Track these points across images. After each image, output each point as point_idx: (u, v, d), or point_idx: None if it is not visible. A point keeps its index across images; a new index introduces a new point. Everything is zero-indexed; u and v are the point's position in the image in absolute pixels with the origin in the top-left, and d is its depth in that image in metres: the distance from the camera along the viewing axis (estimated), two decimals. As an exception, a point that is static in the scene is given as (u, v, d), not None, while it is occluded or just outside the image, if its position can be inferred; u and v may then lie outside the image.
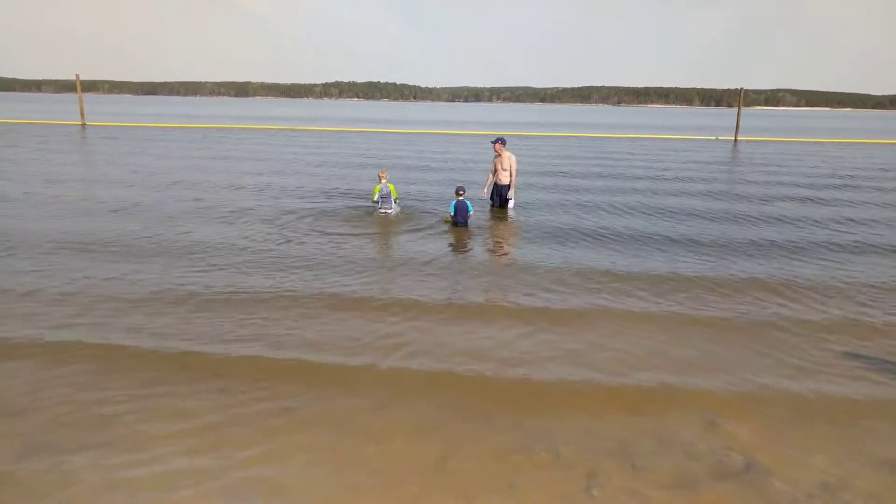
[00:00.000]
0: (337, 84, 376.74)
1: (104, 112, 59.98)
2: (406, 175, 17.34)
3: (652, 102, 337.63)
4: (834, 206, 13.87)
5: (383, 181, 11.67)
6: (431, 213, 12.00)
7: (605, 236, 10.32)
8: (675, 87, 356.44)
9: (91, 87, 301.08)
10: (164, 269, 8.05)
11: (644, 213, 12.53)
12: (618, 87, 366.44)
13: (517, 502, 3.64)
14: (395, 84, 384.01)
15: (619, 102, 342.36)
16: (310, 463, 3.96)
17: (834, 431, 4.43)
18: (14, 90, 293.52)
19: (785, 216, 12.41)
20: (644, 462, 4.02)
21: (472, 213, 10.94)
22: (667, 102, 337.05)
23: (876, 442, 4.30)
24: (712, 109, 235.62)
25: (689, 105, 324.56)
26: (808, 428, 4.47)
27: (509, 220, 11.66)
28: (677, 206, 13.43)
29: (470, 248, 9.57)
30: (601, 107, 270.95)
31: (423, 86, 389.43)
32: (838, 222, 11.79)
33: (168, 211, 11.79)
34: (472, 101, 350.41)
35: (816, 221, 11.87)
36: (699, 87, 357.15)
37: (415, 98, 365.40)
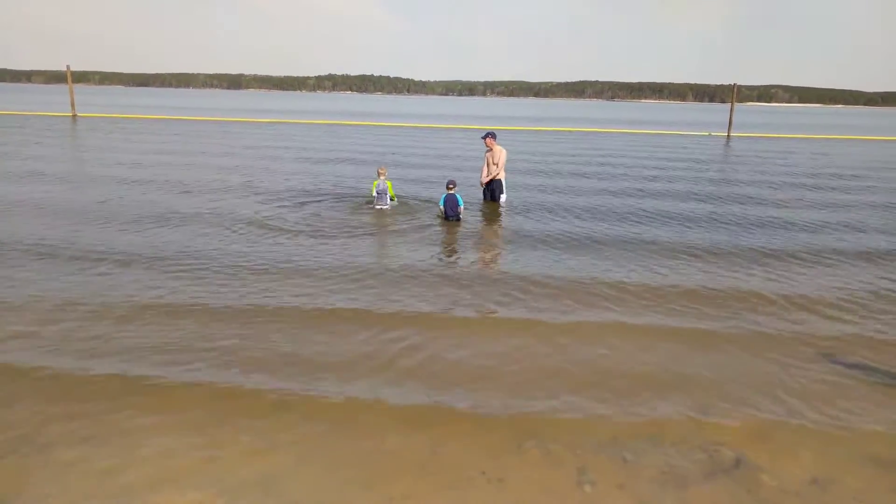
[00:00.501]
0: (330, 77, 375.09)
1: (95, 103, 59.50)
2: (398, 169, 17.29)
3: (646, 97, 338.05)
4: (826, 208, 13.81)
5: (381, 178, 11.69)
6: (423, 207, 11.97)
7: (596, 239, 10.05)
8: (669, 83, 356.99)
9: (82, 78, 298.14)
10: (137, 272, 7.98)
11: (636, 214, 12.34)
12: (612, 82, 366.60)
13: (508, 498, 3.64)
14: (388, 77, 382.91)
15: (613, 97, 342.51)
16: (301, 460, 3.95)
17: (821, 428, 4.45)
18: (3, 80, 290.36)
19: (776, 218, 12.40)
20: (635, 458, 4.03)
21: (462, 206, 10.92)
22: (661, 98, 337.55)
23: (862, 439, 4.33)
24: (705, 105, 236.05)
25: (683, 100, 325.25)
26: (796, 425, 4.50)
27: (501, 218, 11.51)
28: (670, 207, 13.18)
29: (459, 251, 9.36)
30: (595, 101, 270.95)
31: (416, 79, 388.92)
32: (833, 227, 11.56)
33: (147, 207, 11.54)
34: (465, 95, 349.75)
35: (807, 224, 11.84)
36: (693, 82, 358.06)
37: (408, 91, 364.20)
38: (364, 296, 6.95)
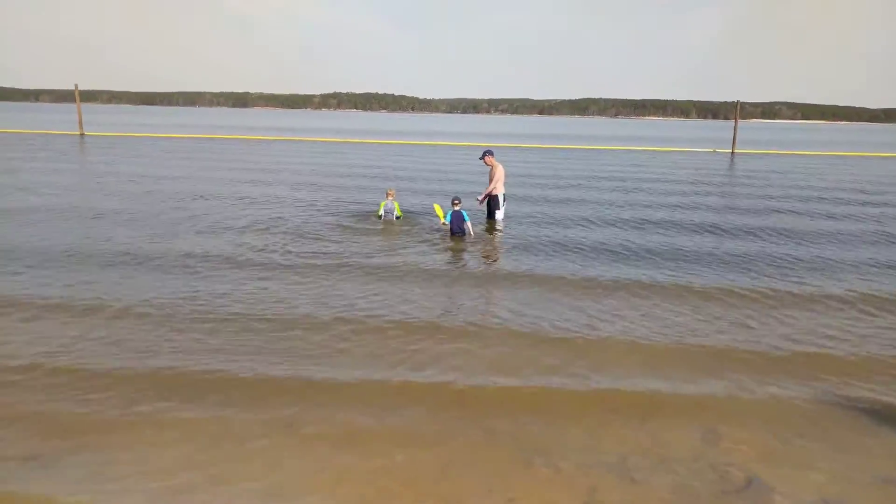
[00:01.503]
0: (335, 95, 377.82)
1: (102, 122, 59.99)
2: (405, 193, 17.32)
3: (649, 115, 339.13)
4: (828, 239, 13.70)
5: (389, 198, 11.94)
6: (428, 223, 11.94)
7: (599, 278, 9.03)
8: (673, 100, 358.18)
9: (89, 97, 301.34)
10: (153, 278, 8.02)
11: (646, 247, 11.54)
12: (615, 100, 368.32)
13: (517, 518, 3.60)
14: (393, 95, 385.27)
15: (616, 115, 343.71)
16: (309, 477, 3.93)
17: (832, 448, 4.41)
18: (12, 100, 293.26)
19: (789, 245, 12.27)
20: (644, 477, 3.99)
21: (468, 222, 10.97)
22: (664, 115, 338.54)
23: (873, 458, 4.28)
24: (709, 122, 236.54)
25: (687, 117, 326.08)
26: (807, 443, 4.45)
27: (501, 245, 10.85)
28: (684, 241, 12.27)
29: (466, 265, 9.49)
30: (599, 119, 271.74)
31: (421, 97, 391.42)
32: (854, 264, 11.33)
33: (147, 224, 11.66)
34: (470, 113, 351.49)
35: (805, 257, 11.65)
36: (696, 99, 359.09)
37: (413, 109, 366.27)
38: (373, 308, 6.95)
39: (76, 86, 38.91)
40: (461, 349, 6.02)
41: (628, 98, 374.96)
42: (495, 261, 9.69)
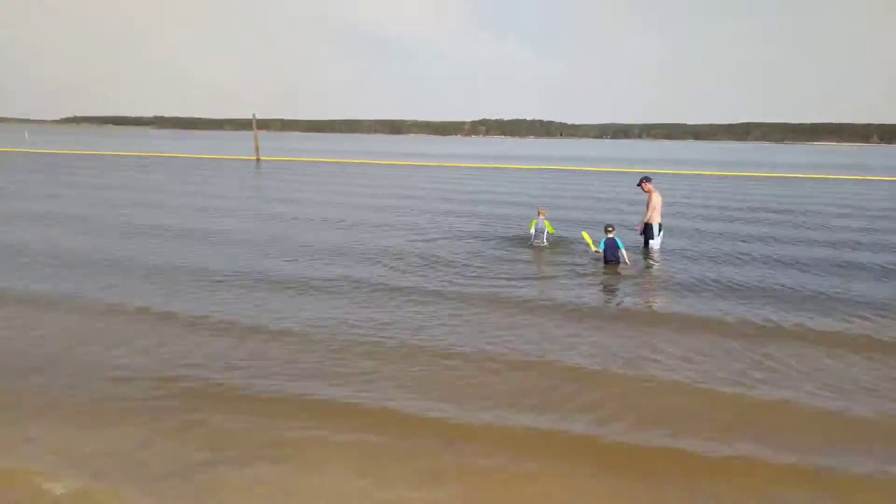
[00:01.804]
0: (484, 122, 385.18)
1: (275, 148, 65.89)
2: (553, 215, 17.23)
3: (821, 140, 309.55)
4: None
5: (540, 217, 12.32)
6: (578, 249, 11.78)
7: (767, 297, 9.34)
8: (850, 123, 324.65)
9: (264, 125, 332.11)
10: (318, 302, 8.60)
11: (813, 272, 11.22)
12: (780, 124, 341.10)
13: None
14: (541, 121, 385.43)
15: (783, 139, 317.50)
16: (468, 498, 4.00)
17: None
18: (201, 128, 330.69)
19: None
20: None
21: (623, 249, 10.72)
22: (840, 139, 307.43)
23: None
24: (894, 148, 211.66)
25: (866, 142, 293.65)
26: None
27: (654, 267, 10.94)
28: (859, 287, 11.04)
29: (619, 302, 9.15)
30: (761, 144, 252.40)
31: (569, 122, 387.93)
32: None
33: (306, 248, 12.54)
34: (620, 138, 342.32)
35: None
36: (878, 122, 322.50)
37: (561, 135, 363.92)
38: (526, 347, 6.97)
39: (254, 115, 43.16)
40: (617, 396, 5.73)
41: (793, 122, 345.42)
42: (650, 298, 9.24)
